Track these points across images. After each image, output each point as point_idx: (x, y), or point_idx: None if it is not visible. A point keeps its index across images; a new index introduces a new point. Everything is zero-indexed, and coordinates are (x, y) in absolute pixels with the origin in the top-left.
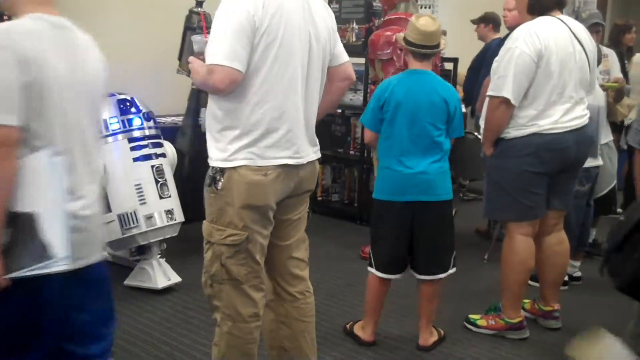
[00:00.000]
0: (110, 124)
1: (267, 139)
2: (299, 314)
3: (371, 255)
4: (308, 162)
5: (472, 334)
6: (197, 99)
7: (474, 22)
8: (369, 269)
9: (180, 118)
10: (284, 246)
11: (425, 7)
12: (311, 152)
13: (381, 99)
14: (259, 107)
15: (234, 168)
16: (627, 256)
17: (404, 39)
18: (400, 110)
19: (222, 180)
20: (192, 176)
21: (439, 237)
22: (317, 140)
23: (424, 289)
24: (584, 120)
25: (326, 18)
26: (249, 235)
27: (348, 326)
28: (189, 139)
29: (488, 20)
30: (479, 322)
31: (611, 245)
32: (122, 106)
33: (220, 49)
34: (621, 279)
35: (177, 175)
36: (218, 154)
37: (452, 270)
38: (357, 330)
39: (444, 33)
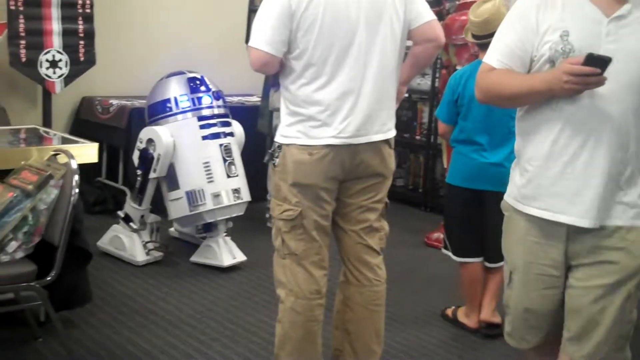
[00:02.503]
0: (180, 101)
1: (313, 119)
2: (364, 301)
3: (445, 237)
4: (369, 143)
5: None
6: (267, 80)
7: None
8: (444, 251)
9: (247, 97)
10: (351, 231)
11: None
12: (373, 133)
13: (455, 93)
14: (306, 88)
15: (287, 145)
16: None
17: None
18: (474, 103)
19: (279, 156)
20: None
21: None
22: (387, 120)
23: (492, 277)
24: None
25: None
26: (302, 211)
27: (449, 312)
28: (267, 120)
29: None
30: None
31: None
32: (192, 84)
33: (256, 32)
34: None
35: (258, 156)
36: (280, 129)
37: None
38: (461, 317)
39: None
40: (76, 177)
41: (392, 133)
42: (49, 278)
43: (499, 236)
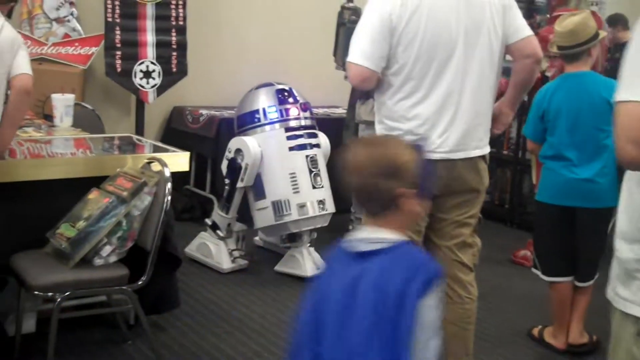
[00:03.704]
0: (269, 112)
1: (411, 133)
2: (454, 318)
3: (534, 256)
4: (466, 159)
5: None
6: (354, 92)
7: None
8: (534, 270)
9: (332, 109)
10: (444, 246)
11: (593, 4)
12: (471, 148)
13: (540, 109)
14: (404, 103)
15: None
16: None
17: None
18: (560, 118)
19: None
20: None
21: (597, 243)
22: (484, 136)
23: (580, 297)
24: None
25: None
26: None
27: (536, 332)
28: (353, 132)
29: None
30: None
31: None
32: (280, 96)
33: (356, 47)
34: None
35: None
36: None
37: (596, 276)
38: (548, 337)
39: (611, 23)
40: (169, 185)
41: (487, 149)
42: (140, 282)
43: (591, 254)
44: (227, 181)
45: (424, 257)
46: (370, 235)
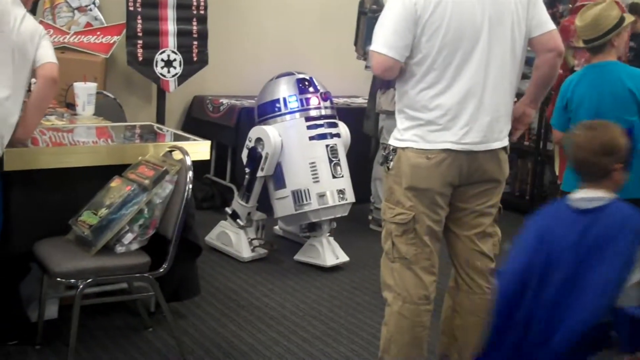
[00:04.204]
0: (289, 102)
1: (432, 123)
2: (473, 308)
3: None
4: (488, 150)
5: None
6: (374, 82)
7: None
8: None
9: (352, 99)
10: (464, 236)
11: None
12: (493, 140)
13: (564, 99)
14: (426, 93)
15: (402, 149)
16: None
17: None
18: (582, 108)
19: (393, 160)
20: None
21: None
22: (504, 127)
23: None
24: None
25: None
26: (416, 215)
27: None
28: (373, 122)
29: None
30: None
31: None
32: (301, 85)
33: (379, 36)
34: None
35: (362, 158)
36: (395, 133)
37: None
38: None
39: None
40: (190, 174)
41: (507, 140)
42: (161, 270)
43: None
44: (247, 170)
45: (634, 210)
46: (589, 195)
